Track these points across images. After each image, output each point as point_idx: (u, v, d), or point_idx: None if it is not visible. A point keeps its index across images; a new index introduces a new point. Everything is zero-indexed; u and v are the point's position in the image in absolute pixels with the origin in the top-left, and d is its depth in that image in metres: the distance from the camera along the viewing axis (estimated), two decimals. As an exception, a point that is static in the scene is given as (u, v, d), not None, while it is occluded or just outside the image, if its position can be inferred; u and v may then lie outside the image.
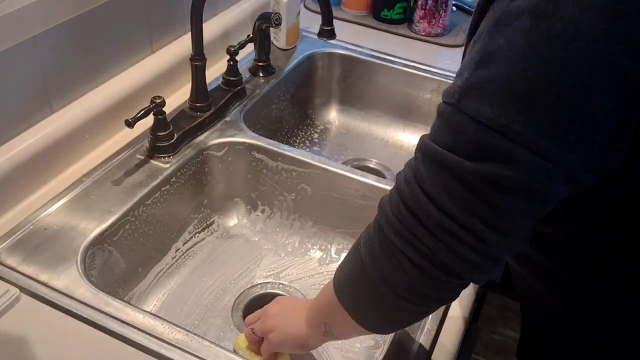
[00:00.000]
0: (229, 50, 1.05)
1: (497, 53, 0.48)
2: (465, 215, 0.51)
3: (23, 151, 0.84)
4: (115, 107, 0.96)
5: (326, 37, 1.02)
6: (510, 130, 0.47)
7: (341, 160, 1.23)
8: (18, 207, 0.85)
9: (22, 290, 0.74)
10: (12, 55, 0.79)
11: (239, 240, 1.04)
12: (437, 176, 0.51)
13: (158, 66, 1.04)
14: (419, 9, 1.32)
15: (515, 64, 0.47)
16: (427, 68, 1.22)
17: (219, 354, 0.69)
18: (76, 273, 0.76)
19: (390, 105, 1.27)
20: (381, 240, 0.56)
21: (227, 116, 1.05)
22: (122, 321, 0.71)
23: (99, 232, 0.82)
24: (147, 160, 0.94)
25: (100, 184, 0.89)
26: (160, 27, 1.05)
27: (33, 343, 0.69)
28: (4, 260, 0.77)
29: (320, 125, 1.31)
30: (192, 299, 0.94)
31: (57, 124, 0.88)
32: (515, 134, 0.47)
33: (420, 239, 0.53)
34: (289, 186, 1.02)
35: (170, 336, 0.70)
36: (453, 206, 0.51)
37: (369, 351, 0.87)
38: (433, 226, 0.52)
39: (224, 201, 1.06)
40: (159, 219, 0.93)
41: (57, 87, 0.88)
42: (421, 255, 0.53)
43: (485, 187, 0.49)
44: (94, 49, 0.93)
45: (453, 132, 0.51)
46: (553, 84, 0.46)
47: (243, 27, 1.22)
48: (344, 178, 0.97)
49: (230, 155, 1.02)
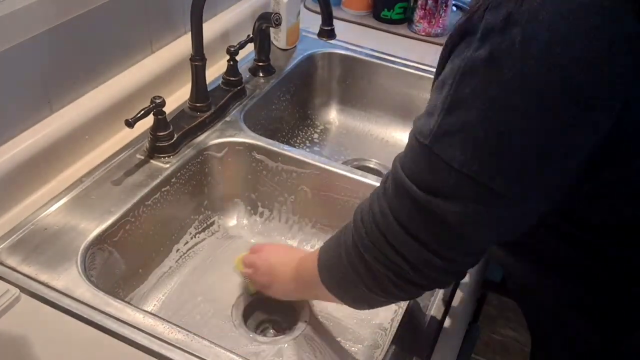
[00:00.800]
0: (229, 50, 1.05)
1: (466, 101, 0.51)
2: (439, 247, 0.57)
3: (23, 151, 0.83)
4: (115, 107, 0.96)
5: (326, 37, 1.02)
6: (480, 175, 0.51)
7: (341, 160, 1.23)
8: (18, 207, 0.85)
9: (22, 290, 0.74)
10: (12, 55, 0.79)
11: (239, 241, 1.04)
12: (412, 213, 0.56)
13: (158, 66, 1.04)
14: (419, 9, 1.32)
15: (479, 114, 0.50)
16: (427, 68, 1.22)
17: (219, 354, 0.69)
18: (76, 273, 0.76)
19: (390, 105, 1.27)
20: (357, 254, 0.63)
21: (227, 116, 1.05)
22: (122, 321, 0.71)
23: (99, 232, 0.82)
24: (147, 160, 0.94)
25: (100, 184, 0.89)
26: (160, 27, 1.05)
27: (33, 343, 0.69)
28: (4, 260, 0.77)
29: (320, 125, 1.31)
30: (192, 299, 0.94)
31: (57, 124, 0.88)
32: (485, 177, 0.51)
33: (393, 260, 0.59)
34: (289, 187, 1.02)
35: (170, 336, 0.70)
36: (428, 238, 0.56)
37: (369, 351, 0.87)
38: (398, 244, 0.58)
39: (224, 202, 1.06)
40: (159, 220, 0.93)
41: (57, 87, 0.88)
42: (394, 274, 0.60)
43: (457, 224, 0.54)
44: (94, 49, 0.92)
45: (427, 170, 0.55)
46: (515, 132, 0.49)
47: (243, 27, 1.22)
48: (344, 178, 0.97)
49: (231, 156, 1.01)
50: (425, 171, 0.55)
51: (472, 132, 0.50)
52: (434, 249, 0.57)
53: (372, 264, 0.61)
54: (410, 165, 0.57)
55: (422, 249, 0.57)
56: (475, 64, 0.50)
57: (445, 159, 0.52)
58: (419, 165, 0.55)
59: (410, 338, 0.74)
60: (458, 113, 0.51)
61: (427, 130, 0.54)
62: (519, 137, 0.49)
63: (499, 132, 0.49)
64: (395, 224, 0.58)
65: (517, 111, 0.48)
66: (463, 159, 0.51)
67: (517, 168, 0.50)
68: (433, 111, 0.54)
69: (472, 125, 0.50)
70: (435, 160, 0.53)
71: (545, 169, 0.50)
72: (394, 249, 0.58)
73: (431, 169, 0.54)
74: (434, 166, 0.53)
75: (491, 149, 0.50)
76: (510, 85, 0.48)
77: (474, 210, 0.53)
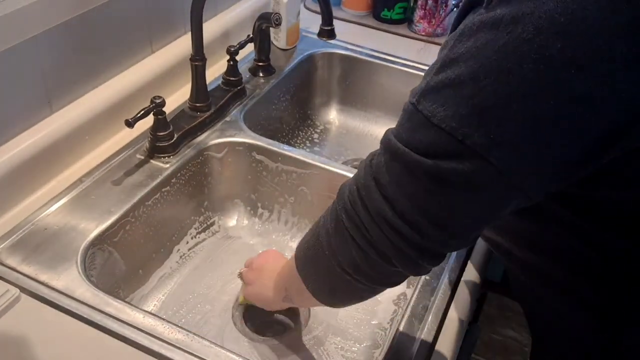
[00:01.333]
0: (229, 50, 1.05)
1: (458, 59, 0.50)
2: (411, 210, 0.53)
3: (23, 151, 0.83)
4: (115, 107, 0.96)
5: (326, 37, 1.02)
6: (459, 134, 0.49)
7: (341, 160, 1.23)
8: (18, 207, 0.85)
9: (22, 290, 0.74)
10: (12, 55, 0.79)
11: (239, 241, 1.04)
12: (392, 169, 0.54)
13: (158, 66, 1.04)
14: (419, 9, 1.32)
15: (470, 73, 0.48)
16: (427, 68, 1.22)
17: (219, 354, 0.69)
18: (76, 273, 0.76)
19: (390, 105, 1.27)
20: (335, 219, 0.61)
21: (227, 116, 1.05)
22: (122, 321, 0.71)
23: (99, 232, 0.82)
24: (147, 160, 0.94)
25: (100, 184, 0.89)
26: (160, 27, 1.05)
27: (33, 343, 0.69)
28: (4, 260, 0.77)
29: (320, 125, 1.31)
30: (192, 299, 0.94)
31: (57, 124, 0.88)
32: (464, 136, 0.49)
33: (366, 226, 0.56)
34: (289, 187, 1.02)
35: (171, 336, 0.70)
36: (401, 199, 0.54)
37: (368, 351, 0.88)
38: (378, 217, 0.55)
39: (224, 202, 1.06)
40: (159, 220, 0.93)
41: (57, 87, 0.88)
42: (366, 241, 0.57)
43: (434, 183, 0.52)
44: (93, 49, 0.92)
45: (410, 129, 0.53)
46: (507, 96, 0.47)
47: (243, 27, 1.22)
48: (344, 178, 0.96)
49: (231, 157, 1.02)
50: (410, 129, 0.53)
51: (458, 89, 0.49)
52: (407, 219, 0.54)
53: (344, 233, 0.59)
54: (399, 125, 0.55)
55: (396, 217, 0.54)
56: (475, 24, 0.49)
57: (427, 114, 0.51)
58: (406, 124, 0.54)
59: (410, 338, 0.74)
60: (448, 70, 0.50)
61: (417, 89, 0.54)
62: (519, 103, 0.47)
63: (493, 93, 0.47)
64: (372, 183, 0.56)
65: (517, 75, 0.46)
66: (444, 116, 0.50)
67: (501, 132, 0.48)
68: (427, 73, 0.54)
69: (459, 83, 0.49)
70: (418, 117, 0.52)
71: (539, 140, 0.48)
72: (367, 212, 0.56)
73: (414, 126, 0.53)
74: (417, 123, 0.52)
75: (475, 109, 0.48)
76: (512, 49, 0.46)
77: (449, 171, 0.50)
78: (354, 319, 0.92)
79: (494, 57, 0.47)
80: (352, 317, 0.92)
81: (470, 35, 0.49)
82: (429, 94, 0.52)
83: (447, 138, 0.50)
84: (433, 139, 0.51)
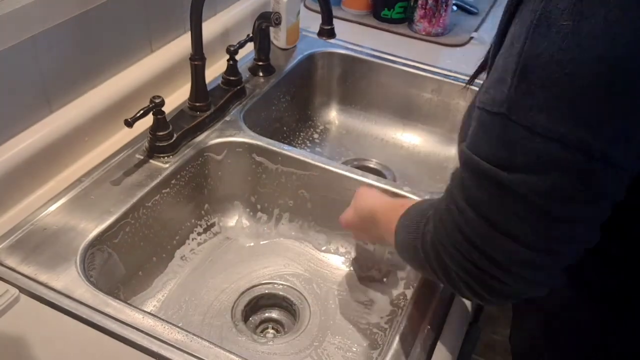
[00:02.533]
0: (229, 49, 1.05)
1: (543, 57, 0.44)
2: (537, 238, 0.48)
3: (22, 151, 0.83)
4: (114, 107, 0.96)
5: (326, 37, 1.02)
6: (571, 139, 0.44)
7: (341, 160, 1.22)
8: (17, 207, 0.85)
9: (22, 290, 0.73)
10: (11, 55, 0.79)
11: (239, 242, 1.04)
12: (496, 199, 0.49)
13: (157, 66, 1.04)
14: (419, 9, 1.32)
15: (564, 69, 0.43)
16: (427, 68, 1.22)
17: (219, 354, 0.68)
18: (75, 273, 0.76)
19: (390, 105, 1.27)
20: (439, 259, 0.56)
21: (226, 116, 1.05)
22: (122, 322, 0.71)
23: (99, 232, 0.82)
24: (147, 160, 0.94)
25: (100, 184, 0.89)
26: (160, 26, 1.05)
27: (32, 343, 0.69)
28: (3, 260, 0.77)
29: (321, 125, 1.31)
30: (192, 299, 0.93)
31: (56, 123, 0.88)
32: (578, 141, 0.44)
33: (488, 271, 0.51)
34: (289, 188, 1.02)
35: (170, 337, 0.70)
36: (522, 230, 0.48)
37: (368, 351, 0.87)
38: (500, 256, 0.50)
39: (224, 203, 1.06)
40: (159, 221, 0.93)
41: (56, 87, 0.88)
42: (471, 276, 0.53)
43: (550, 202, 0.47)
44: (93, 48, 0.92)
45: (506, 145, 0.47)
46: (611, 87, 0.43)
47: (243, 26, 1.22)
48: (344, 178, 0.96)
49: (230, 157, 1.01)
50: (506, 146, 0.47)
51: (559, 91, 0.44)
52: (523, 241, 0.48)
53: (451, 273, 0.55)
54: (483, 145, 0.49)
55: (509, 241, 0.48)
56: (552, 13, 0.44)
57: (527, 124, 0.45)
58: (498, 141, 0.48)
59: (410, 338, 0.73)
60: (537, 71, 0.45)
61: (500, 97, 0.47)
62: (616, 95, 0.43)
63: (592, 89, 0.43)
64: (476, 217, 0.50)
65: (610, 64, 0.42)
66: (548, 123, 0.44)
67: (616, 128, 0.44)
68: (504, 76, 0.47)
69: (557, 83, 0.44)
70: (515, 130, 0.46)
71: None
72: (476, 248, 0.51)
73: (511, 141, 0.47)
74: (515, 136, 0.46)
75: (582, 108, 0.43)
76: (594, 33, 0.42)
77: (563, 183, 0.45)
78: (354, 319, 0.92)
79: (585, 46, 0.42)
80: (352, 318, 0.92)
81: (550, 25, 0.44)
82: (522, 100, 0.46)
83: (557, 147, 0.45)
84: (540, 150, 0.45)
